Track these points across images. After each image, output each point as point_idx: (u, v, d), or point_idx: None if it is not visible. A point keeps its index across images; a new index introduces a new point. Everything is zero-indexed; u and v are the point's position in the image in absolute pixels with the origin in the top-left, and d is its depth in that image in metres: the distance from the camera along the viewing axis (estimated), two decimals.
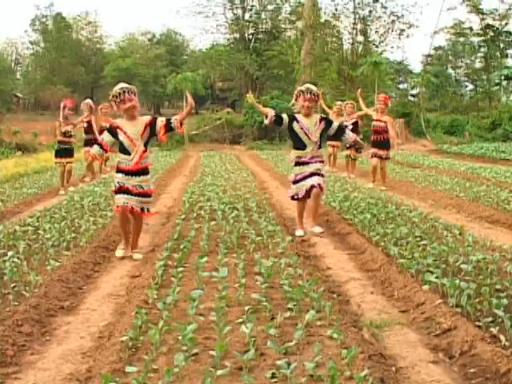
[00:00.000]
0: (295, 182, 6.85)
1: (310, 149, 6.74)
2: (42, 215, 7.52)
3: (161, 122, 5.72)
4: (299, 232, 6.82)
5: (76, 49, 48.91)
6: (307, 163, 6.77)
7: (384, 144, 11.08)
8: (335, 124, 6.90)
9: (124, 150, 5.71)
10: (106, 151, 5.93)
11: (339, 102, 14.08)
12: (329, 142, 13.89)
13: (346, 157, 13.31)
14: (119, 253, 5.93)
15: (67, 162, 11.12)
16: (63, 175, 11.06)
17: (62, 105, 11.00)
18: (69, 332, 3.84)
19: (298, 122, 6.74)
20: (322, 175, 6.84)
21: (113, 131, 5.76)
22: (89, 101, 12.30)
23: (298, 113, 6.86)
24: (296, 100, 6.78)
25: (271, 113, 6.83)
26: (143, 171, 5.75)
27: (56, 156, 11.27)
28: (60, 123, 10.96)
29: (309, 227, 6.91)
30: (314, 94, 6.65)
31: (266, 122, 6.83)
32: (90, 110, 11.98)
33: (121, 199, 5.68)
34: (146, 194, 5.78)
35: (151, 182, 5.94)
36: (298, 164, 6.83)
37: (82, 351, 3.50)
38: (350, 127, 12.23)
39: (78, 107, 13.69)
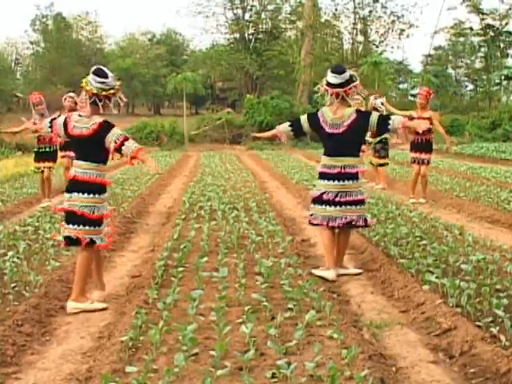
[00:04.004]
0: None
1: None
2: (42, 215, 7.52)
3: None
4: (331, 274, 4.90)
5: (76, 49, 48.87)
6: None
7: (427, 146, 9.32)
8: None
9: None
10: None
11: (376, 96, 11.51)
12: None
13: (371, 163, 11.04)
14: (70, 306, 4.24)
15: (47, 167, 9.19)
16: (43, 182, 9.27)
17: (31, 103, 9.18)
18: (69, 332, 3.84)
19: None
20: (363, 202, 4.98)
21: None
22: (71, 94, 9.30)
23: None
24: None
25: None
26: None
27: (35, 160, 9.38)
28: (34, 123, 8.02)
29: (340, 270, 5.12)
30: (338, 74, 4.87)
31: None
32: (75, 105, 8.52)
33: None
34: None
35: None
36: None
37: (82, 351, 3.50)
38: None
39: (59, 102, 10.21)
